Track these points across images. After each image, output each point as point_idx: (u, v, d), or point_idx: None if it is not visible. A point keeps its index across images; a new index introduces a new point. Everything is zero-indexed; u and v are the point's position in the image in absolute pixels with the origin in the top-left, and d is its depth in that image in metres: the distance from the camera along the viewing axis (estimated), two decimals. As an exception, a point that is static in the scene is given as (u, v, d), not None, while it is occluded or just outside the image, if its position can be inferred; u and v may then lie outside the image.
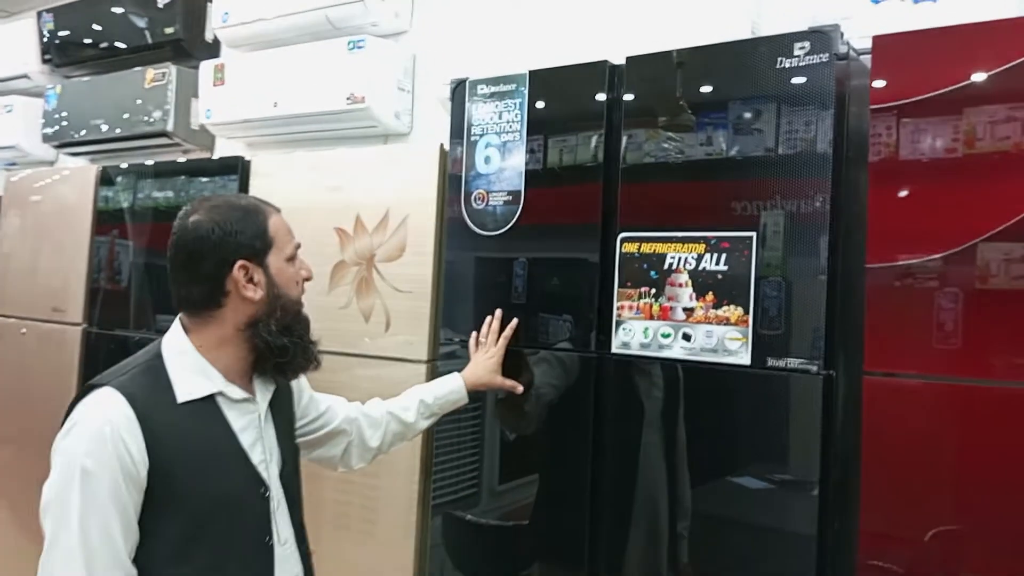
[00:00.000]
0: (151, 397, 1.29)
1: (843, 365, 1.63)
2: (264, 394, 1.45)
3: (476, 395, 1.91)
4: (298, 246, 1.45)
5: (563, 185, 1.94)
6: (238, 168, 2.67)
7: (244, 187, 2.66)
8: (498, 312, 1.96)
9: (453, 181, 2.09)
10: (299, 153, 2.88)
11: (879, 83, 1.55)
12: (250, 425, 1.40)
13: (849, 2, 1.94)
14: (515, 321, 1.94)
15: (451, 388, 1.86)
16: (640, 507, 1.80)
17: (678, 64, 1.79)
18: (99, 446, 1.22)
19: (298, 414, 1.60)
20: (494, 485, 2.08)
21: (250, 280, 1.35)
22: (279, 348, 1.38)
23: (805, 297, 1.60)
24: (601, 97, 1.88)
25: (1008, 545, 1.41)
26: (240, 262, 1.34)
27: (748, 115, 1.68)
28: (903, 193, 1.54)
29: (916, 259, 1.50)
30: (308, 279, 1.48)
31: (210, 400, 1.35)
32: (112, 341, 2.98)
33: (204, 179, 2.80)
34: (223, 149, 3.46)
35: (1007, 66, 1.43)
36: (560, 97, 1.96)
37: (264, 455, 1.41)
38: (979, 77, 1.45)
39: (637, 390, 1.80)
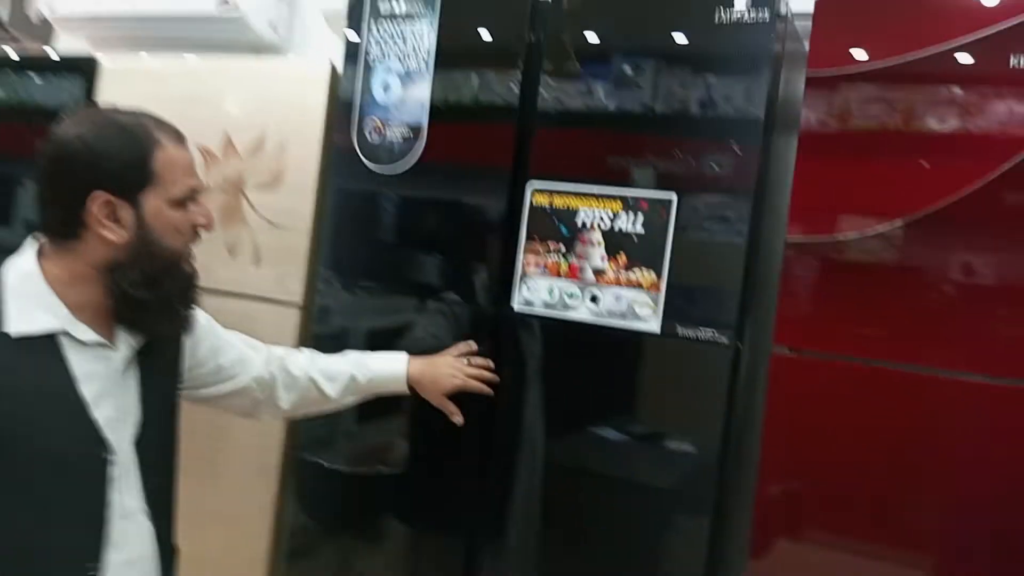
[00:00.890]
0: None
1: (750, 338, 1.58)
2: (128, 341, 1.22)
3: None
4: (196, 189, 1.21)
5: (472, 124, 1.77)
6: (86, 68, 2.33)
7: (91, 91, 2.32)
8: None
9: (343, 108, 1.88)
10: (158, 56, 2.55)
11: (817, 49, 1.48)
12: (99, 375, 1.18)
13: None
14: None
15: (392, 375, 1.63)
16: (525, 469, 1.70)
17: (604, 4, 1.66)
18: None
19: (187, 365, 1.39)
20: (351, 427, 1.93)
21: (113, 217, 1.14)
22: (136, 302, 1.17)
23: (721, 266, 1.53)
24: (522, 33, 1.72)
25: (902, 527, 1.41)
26: (101, 194, 1.12)
27: (678, 69, 1.57)
28: (831, 167, 1.48)
29: (837, 236, 1.45)
30: (204, 227, 1.24)
31: (50, 339, 1.14)
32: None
33: (40, 80, 2.43)
34: (63, 47, 3.05)
35: (953, 43, 1.38)
36: (476, 26, 1.78)
37: (115, 412, 1.19)
38: (922, 53, 1.40)
39: (536, 351, 1.69)
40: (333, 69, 1.97)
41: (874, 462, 1.43)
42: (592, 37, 1.66)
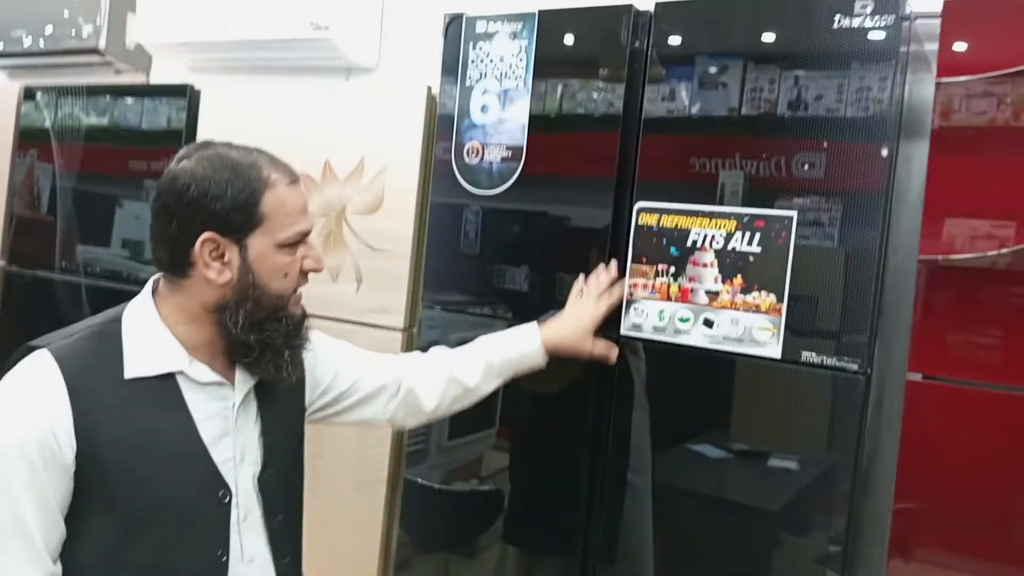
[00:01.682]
0: (93, 368, 1.09)
1: (880, 364, 1.49)
2: (247, 378, 1.20)
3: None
4: (305, 232, 1.18)
5: (573, 146, 1.72)
6: (184, 95, 2.37)
7: (192, 118, 2.36)
8: (613, 263, 1.64)
9: (443, 131, 1.85)
10: (259, 83, 2.57)
11: (947, 52, 1.38)
12: (219, 414, 1.16)
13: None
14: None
15: (524, 351, 1.57)
16: (634, 494, 1.64)
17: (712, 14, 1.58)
18: (17, 421, 1.04)
19: (312, 393, 1.37)
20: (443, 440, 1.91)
21: (220, 258, 1.12)
22: (241, 345, 1.15)
23: (850, 287, 1.44)
24: (623, 46, 1.65)
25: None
26: (209, 234, 1.10)
27: (792, 79, 1.49)
28: (966, 179, 1.38)
29: (976, 254, 1.35)
30: (313, 271, 1.21)
31: (168, 380, 1.12)
32: (37, 283, 2.66)
33: (139, 106, 2.49)
34: (160, 71, 3.12)
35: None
36: (575, 42, 1.72)
37: (233, 452, 1.17)
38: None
39: (645, 377, 1.63)
40: (430, 91, 1.95)
41: (1015, 493, 1.33)
42: (705, 43, 1.59)
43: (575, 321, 1.59)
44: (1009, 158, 1.35)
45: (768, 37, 1.53)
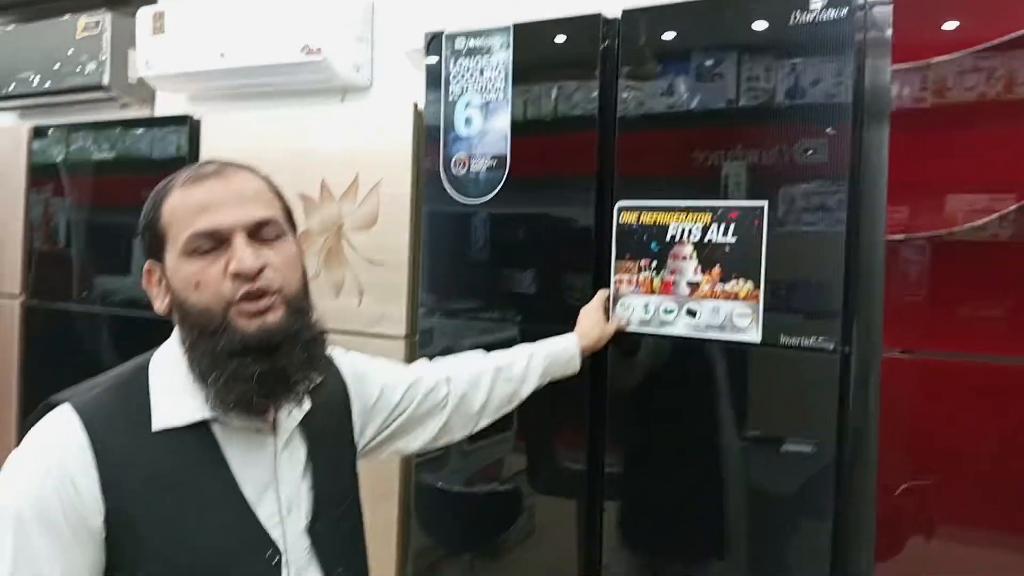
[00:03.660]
0: (118, 421, 0.97)
1: (860, 341, 1.54)
2: (290, 421, 1.07)
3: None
4: (202, 232, 0.97)
5: (554, 139, 1.79)
6: (185, 126, 2.47)
7: (195, 148, 2.46)
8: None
9: (430, 144, 1.93)
10: (254, 109, 2.66)
11: (901, 37, 1.44)
12: (260, 464, 1.03)
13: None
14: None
15: (564, 344, 1.59)
16: (635, 484, 1.72)
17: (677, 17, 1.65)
18: (38, 484, 0.91)
19: (363, 424, 1.25)
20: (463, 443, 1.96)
21: (158, 284, 1.03)
22: (200, 376, 0.98)
23: (821, 270, 1.50)
24: (594, 54, 1.72)
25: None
26: (146, 263, 1.04)
27: (760, 63, 1.55)
28: (929, 148, 1.43)
29: (943, 224, 1.40)
30: (235, 274, 0.97)
31: (202, 429, 0.99)
32: (57, 316, 2.76)
33: (144, 137, 2.58)
34: (163, 103, 3.22)
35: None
36: (548, 53, 1.80)
37: (278, 505, 1.03)
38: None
39: (636, 368, 1.69)
40: (416, 108, 2.02)
41: (998, 462, 1.38)
42: (669, 38, 1.66)
43: (588, 321, 1.67)
44: (968, 135, 1.40)
45: (728, 37, 1.59)
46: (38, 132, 2.86)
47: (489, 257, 1.87)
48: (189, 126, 2.47)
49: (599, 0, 1.75)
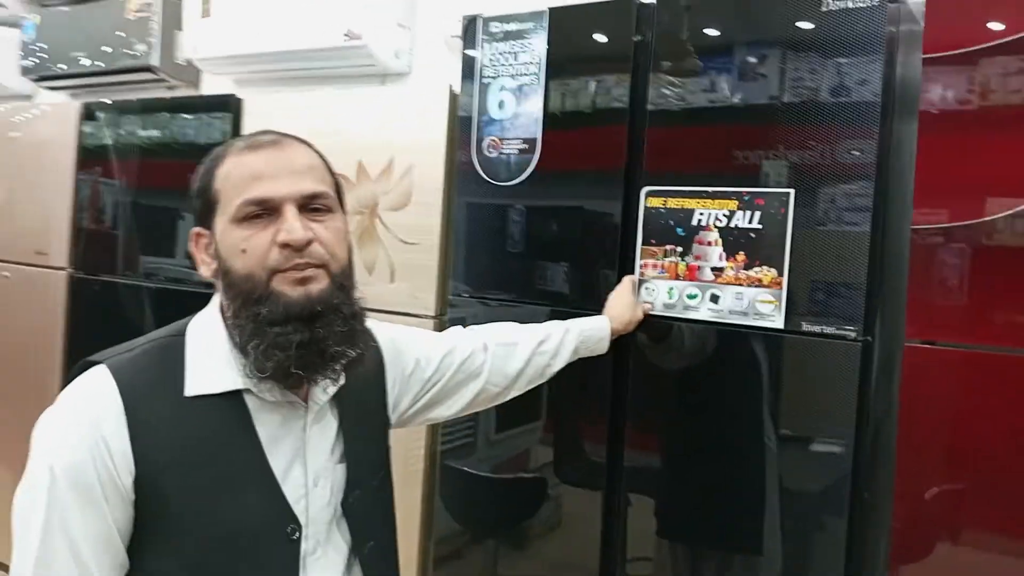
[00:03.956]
0: (153, 385, 0.98)
1: (885, 332, 1.55)
2: (321, 394, 1.08)
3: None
4: (254, 200, 0.99)
5: (584, 133, 1.82)
6: (229, 107, 2.53)
7: (237, 128, 2.51)
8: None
9: (463, 127, 1.96)
10: (296, 92, 2.72)
11: (933, 29, 1.44)
12: (289, 436, 1.04)
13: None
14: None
15: (598, 325, 1.62)
16: (659, 467, 1.74)
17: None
18: (72, 442, 0.93)
19: (399, 394, 1.26)
20: (490, 433, 2.01)
21: (206, 250, 1.04)
22: (240, 346, 1.00)
23: (846, 258, 1.51)
24: (628, 38, 1.75)
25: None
26: (194, 229, 1.05)
27: (789, 62, 1.56)
28: (954, 149, 1.43)
29: (965, 221, 1.41)
30: (285, 244, 0.98)
31: (235, 399, 1.00)
32: (100, 287, 2.86)
33: (190, 117, 2.65)
34: (209, 85, 3.30)
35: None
36: (584, 37, 1.82)
37: (304, 479, 1.04)
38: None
39: (659, 352, 1.71)
40: (451, 91, 2.06)
41: (1019, 457, 1.38)
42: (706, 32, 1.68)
43: (618, 302, 1.69)
44: (993, 135, 1.40)
45: (763, 26, 1.60)
46: (87, 112, 2.94)
47: (517, 241, 1.90)
48: (233, 107, 2.52)
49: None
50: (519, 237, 1.90)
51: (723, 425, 1.66)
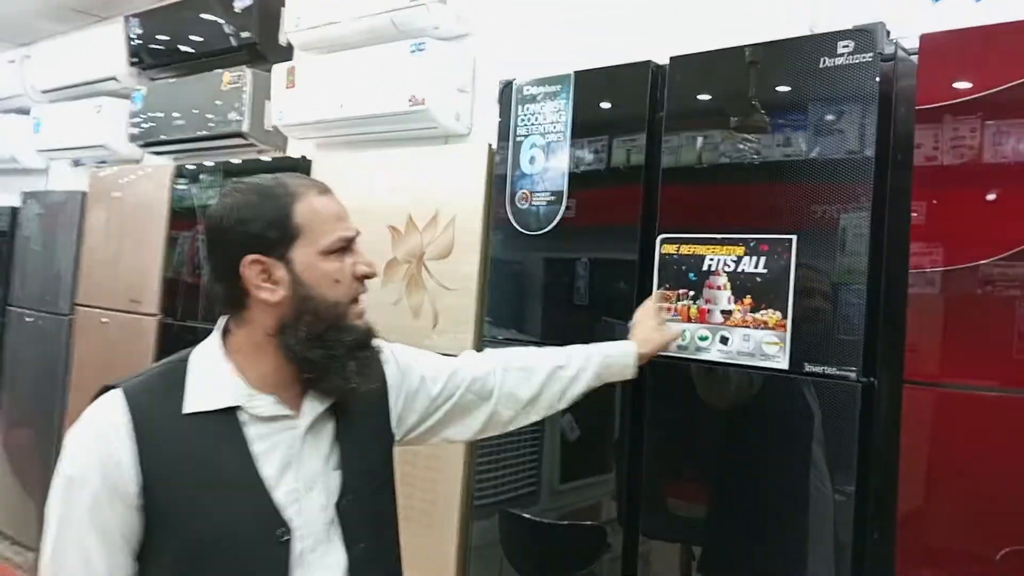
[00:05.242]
0: (157, 404, 1.11)
1: (884, 373, 1.58)
2: (315, 406, 1.18)
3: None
4: (348, 238, 1.17)
5: (605, 186, 1.94)
6: (299, 168, 2.76)
7: (306, 186, 2.73)
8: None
9: (499, 181, 2.11)
10: (358, 153, 2.93)
11: (925, 83, 1.51)
12: (281, 446, 1.14)
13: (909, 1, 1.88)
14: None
15: (623, 350, 1.62)
16: (673, 508, 1.79)
17: (720, 64, 1.77)
18: (84, 453, 1.08)
19: (402, 412, 1.34)
20: (555, 483, 2.07)
21: (269, 278, 1.12)
22: (306, 362, 1.13)
23: (845, 302, 1.56)
24: (644, 98, 1.87)
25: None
26: (251, 257, 1.11)
27: (789, 117, 1.65)
28: (948, 197, 1.48)
29: (960, 265, 1.44)
30: (366, 276, 1.19)
31: (228, 415, 1.12)
32: (185, 331, 3.11)
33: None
34: (295, 149, 3.57)
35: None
36: (604, 98, 1.96)
37: (296, 484, 1.14)
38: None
39: (674, 393, 1.78)
40: (490, 148, 2.22)
41: (1006, 489, 1.39)
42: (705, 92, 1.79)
43: (645, 327, 1.72)
44: (984, 187, 1.45)
45: (766, 85, 1.71)
46: (179, 171, 3.23)
47: (544, 287, 2.04)
48: (302, 166, 2.75)
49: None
50: (544, 283, 2.03)
51: (731, 461, 1.71)
